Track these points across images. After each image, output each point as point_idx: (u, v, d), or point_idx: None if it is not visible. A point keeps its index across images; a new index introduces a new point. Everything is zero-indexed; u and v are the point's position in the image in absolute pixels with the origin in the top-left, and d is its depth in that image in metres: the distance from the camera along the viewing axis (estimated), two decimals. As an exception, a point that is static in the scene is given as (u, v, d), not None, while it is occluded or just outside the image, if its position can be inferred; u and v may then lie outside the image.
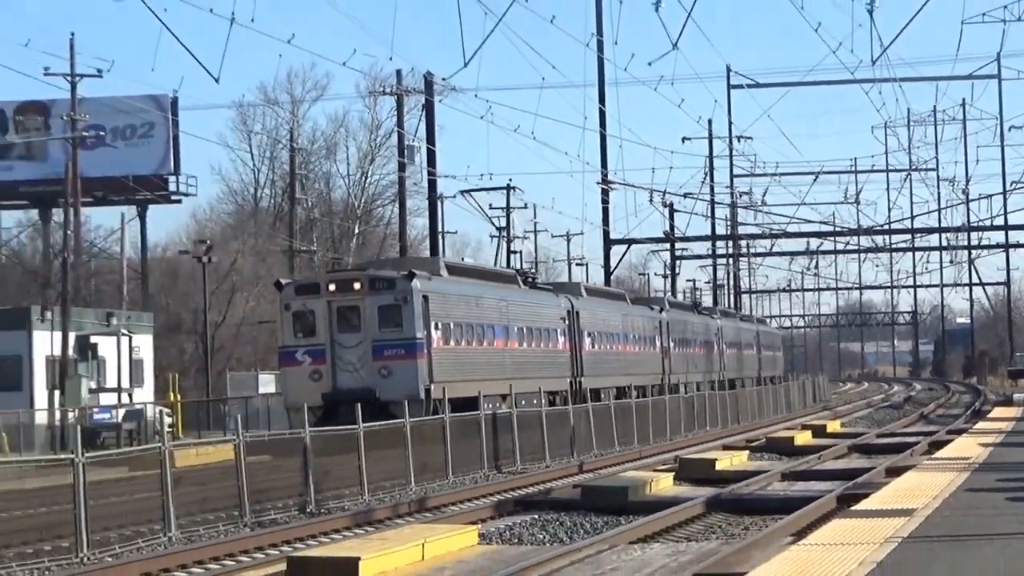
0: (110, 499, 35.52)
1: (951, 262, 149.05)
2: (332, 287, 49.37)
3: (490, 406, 53.83)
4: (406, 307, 47.47)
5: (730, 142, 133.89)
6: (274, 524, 35.95)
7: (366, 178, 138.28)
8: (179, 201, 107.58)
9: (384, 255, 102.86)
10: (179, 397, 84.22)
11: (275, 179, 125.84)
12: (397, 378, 46.46)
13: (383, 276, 51.15)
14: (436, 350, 50.99)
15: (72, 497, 29.56)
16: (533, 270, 79.42)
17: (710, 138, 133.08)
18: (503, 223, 78.19)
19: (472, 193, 73.36)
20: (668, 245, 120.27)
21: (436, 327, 51.22)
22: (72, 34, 76.59)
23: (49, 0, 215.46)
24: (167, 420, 77.57)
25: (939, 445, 51.68)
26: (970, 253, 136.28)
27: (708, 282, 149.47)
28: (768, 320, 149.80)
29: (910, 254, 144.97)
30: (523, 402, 59.87)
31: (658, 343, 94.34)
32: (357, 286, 48.96)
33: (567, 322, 76.01)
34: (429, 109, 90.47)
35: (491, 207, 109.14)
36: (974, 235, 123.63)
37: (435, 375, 50.22)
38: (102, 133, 74.21)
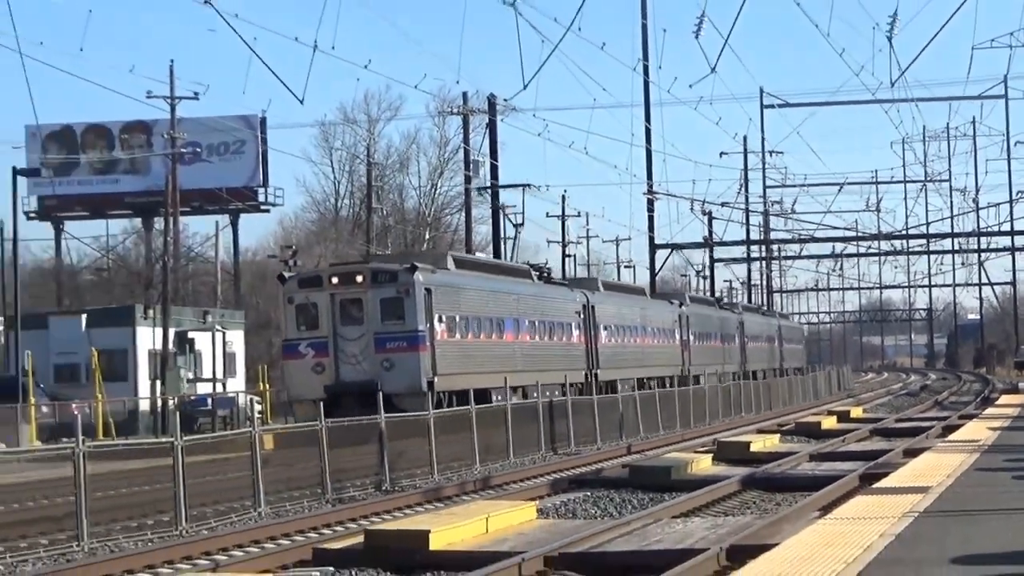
0: (205, 478, 36.76)
1: (962, 264, 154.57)
2: (335, 280, 47.04)
3: (499, 398, 52.46)
4: (408, 300, 45.13)
5: (763, 156, 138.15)
6: (353, 500, 37.02)
7: (435, 189, 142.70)
8: (267, 211, 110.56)
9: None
10: (268, 386, 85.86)
11: (353, 191, 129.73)
12: (399, 370, 44.17)
13: (385, 269, 48.63)
14: (440, 342, 48.45)
15: (172, 477, 31.08)
16: (548, 265, 75.53)
17: (745, 153, 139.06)
18: (519, 220, 73.42)
19: (483, 191, 67.78)
20: (707, 249, 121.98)
21: (440, 319, 48.63)
22: (172, 61, 78.64)
23: (152, 29, 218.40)
24: (257, 407, 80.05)
25: (952, 429, 52.49)
26: (980, 256, 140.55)
27: (743, 282, 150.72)
28: (793, 316, 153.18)
29: (925, 257, 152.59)
30: (535, 394, 56.18)
31: (678, 336, 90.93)
32: (359, 279, 46.67)
33: (582, 316, 72.26)
34: (492, 128, 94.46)
35: (547, 215, 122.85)
36: (983, 240, 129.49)
37: (439, 367, 47.63)
38: (198, 150, 76.63)
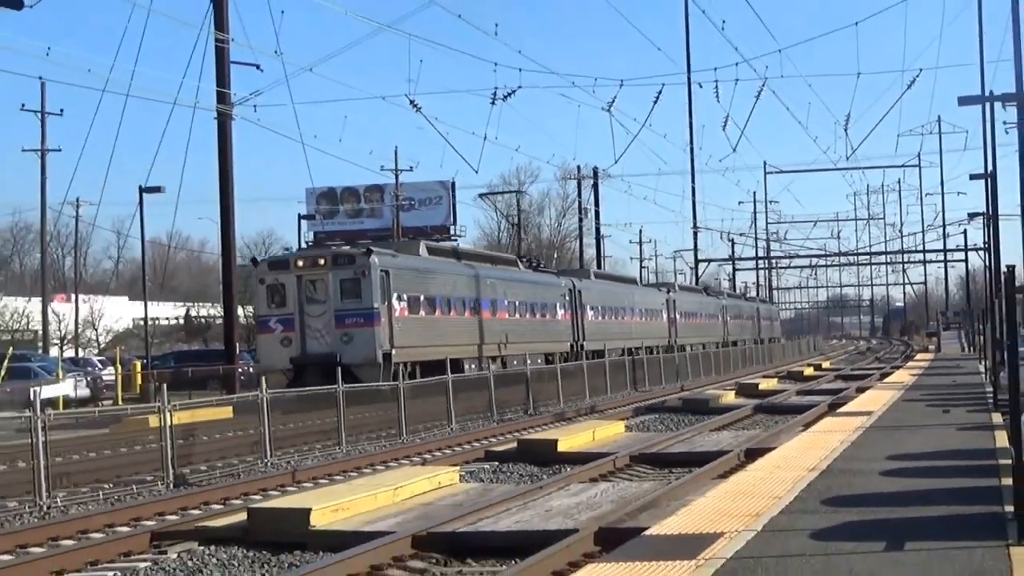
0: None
1: (892, 271, 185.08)
2: (300, 263, 44.39)
3: (472, 367, 52.40)
4: (365, 280, 42.33)
5: (765, 204, 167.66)
6: (510, 420, 42.26)
7: (560, 226, 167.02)
8: (456, 241, 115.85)
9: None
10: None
11: (510, 228, 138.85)
12: (356, 343, 41.83)
13: (344, 253, 45.83)
14: (399, 319, 45.45)
15: (397, 409, 35.52)
16: (538, 258, 75.92)
17: (754, 202, 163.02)
18: (515, 223, 77.45)
19: (490, 196, 70.42)
20: (731, 263, 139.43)
21: (400, 298, 45.84)
22: (396, 147, 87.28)
23: (386, 127, 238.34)
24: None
25: (887, 375, 60.02)
26: (903, 265, 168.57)
27: (754, 283, 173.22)
28: (772, 301, 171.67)
29: (869, 267, 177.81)
30: (515, 362, 58.10)
31: (665, 315, 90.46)
32: (322, 262, 43.94)
33: (568, 298, 69.85)
34: (596, 188, 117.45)
35: (630, 241, 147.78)
36: (905, 256, 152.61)
37: (397, 340, 44.57)
38: (413, 202, 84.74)
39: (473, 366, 52.17)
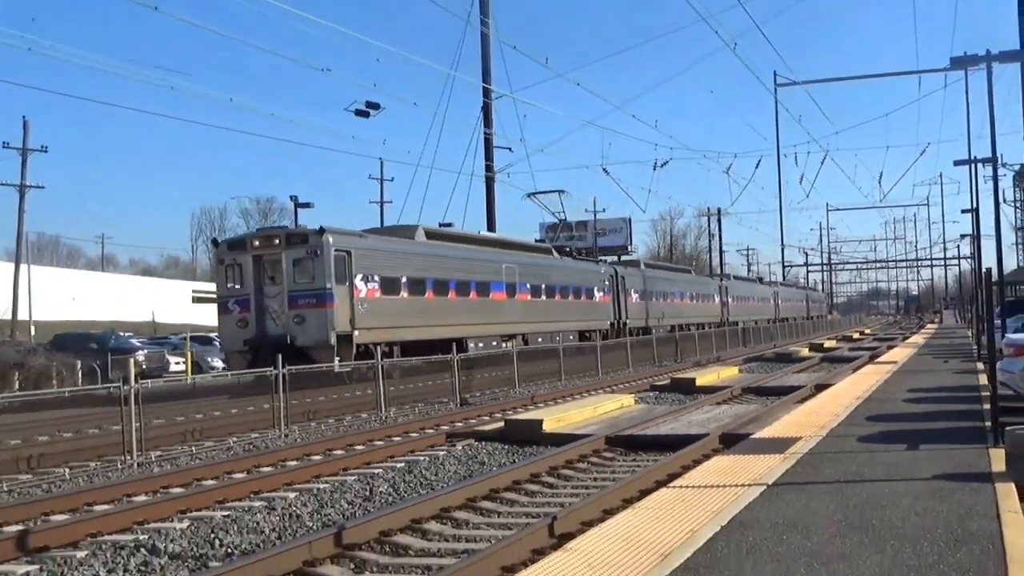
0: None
1: (911, 272, 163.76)
2: (256, 243, 32.76)
3: (479, 345, 37.80)
4: (318, 260, 30.92)
5: (827, 230, 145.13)
6: (665, 366, 39.31)
7: (696, 246, 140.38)
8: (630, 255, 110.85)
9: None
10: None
11: (663, 245, 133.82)
12: (309, 324, 30.22)
13: (298, 232, 33.62)
14: (365, 299, 32.54)
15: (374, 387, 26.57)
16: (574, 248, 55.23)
17: (820, 229, 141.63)
18: (561, 218, 53.93)
19: (538, 195, 48.66)
20: (805, 267, 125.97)
21: (370, 279, 32.72)
22: (594, 197, 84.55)
23: (585, 181, 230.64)
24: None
25: (906, 338, 57.38)
26: (918, 269, 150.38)
27: (819, 280, 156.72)
28: (819, 289, 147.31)
29: (896, 270, 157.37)
30: (540, 339, 41.64)
31: (717, 298, 71.09)
32: (277, 242, 32.40)
33: (608, 283, 51.40)
34: (719, 221, 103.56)
35: (738, 251, 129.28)
36: (919, 263, 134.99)
37: (360, 322, 31.70)
38: (604, 231, 75.96)
39: (481, 344, 37.80)
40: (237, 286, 31.84)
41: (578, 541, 7.59)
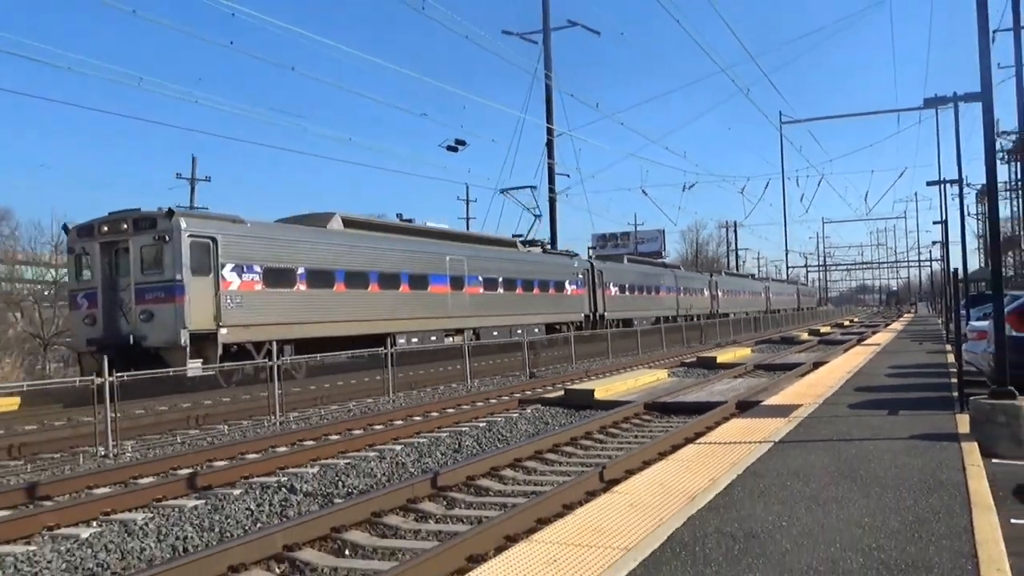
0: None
1: (891, 271, 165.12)
2: (105, 229, 22.99)
3: (405, 340, 27.37)
4: (167, 247, 21.97)
5: (822, 238, 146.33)
6: (693, 347, 36.62)
7: (717, 252, 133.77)
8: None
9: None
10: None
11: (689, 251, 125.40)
12: (158, 322, 21.13)
13: (146, 215, 23.06)
14: (235, 292, 23.12)
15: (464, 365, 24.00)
16: (545, 242, 41.75)
17: (818, 237, 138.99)
18: (537, 213, 42.23)
19: (511, 191, 40.42)
20: (804, 268, 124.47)
21: (245, 270, 23.42)
22: (635, 212, 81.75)
23: (625, 201, 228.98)
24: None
25: (888, 325, 55.65)
26: (897, 269, 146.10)
27: (817, 278, 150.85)
28: (810, 284, 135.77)
29: (879, 269, 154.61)
30: (495, 333, 32.33)
31: (707, 292, 60.00)
32: (125, 227, 22.65)
33: (583, 276, 39.97)
34: (735, 231, 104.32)
35: (752, 258, 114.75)
36: (898, 264, 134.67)
37: (227, 318, 22.47)
38: (643, 240, 72.04)
39: (415, 340, 28.12)
40: (88, 277, 22.63)
41: (623, 485, 7.55)
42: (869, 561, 5.12)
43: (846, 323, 70.95)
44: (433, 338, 28.96)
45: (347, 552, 7.31)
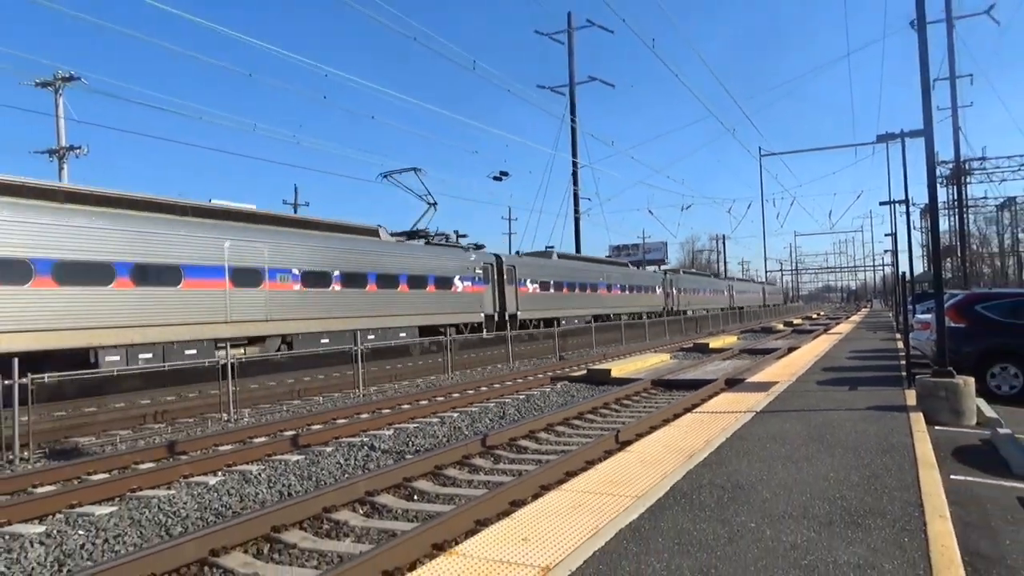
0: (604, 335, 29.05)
1: (852, 275, 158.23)
2: None
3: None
4: None
5: (795, 248, 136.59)
6: (691, 335, 35.24)
7: (710, 260, 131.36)
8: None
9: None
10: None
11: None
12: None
13: None
14: None
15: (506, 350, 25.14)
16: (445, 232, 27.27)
17: (791, 247, 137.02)
18: (430, 201, 25.52)
19: (393, 175, 25.20)
20: (780, 272, 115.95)
21: None
22: (643, 228, 79.01)
23: (632, 219, 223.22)
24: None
25: (849, 317, 53.62)
26: (855, 273, 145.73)
27: (788, 281, 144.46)
28: (777, 283, 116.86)
29: (841, 273, 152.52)
30: (326, 340, 19.64)
31: (660, 290, 46.78)
32: None
33: (485, 272, 27.32)
34: (724, 243, 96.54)
35: (737, 264, 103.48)
36: (856, 269, 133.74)
37: None
38: (649, 250, 65.63)
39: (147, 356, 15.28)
40: None
41: (634, 446, 7.47)
42: (834, 508, 5.06)
43: (814, 316, 69.08)
44: (204, 343, 16.64)
45: (415, 497, 7.35)
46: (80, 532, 6.46)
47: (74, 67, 25.71)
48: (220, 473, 8.56)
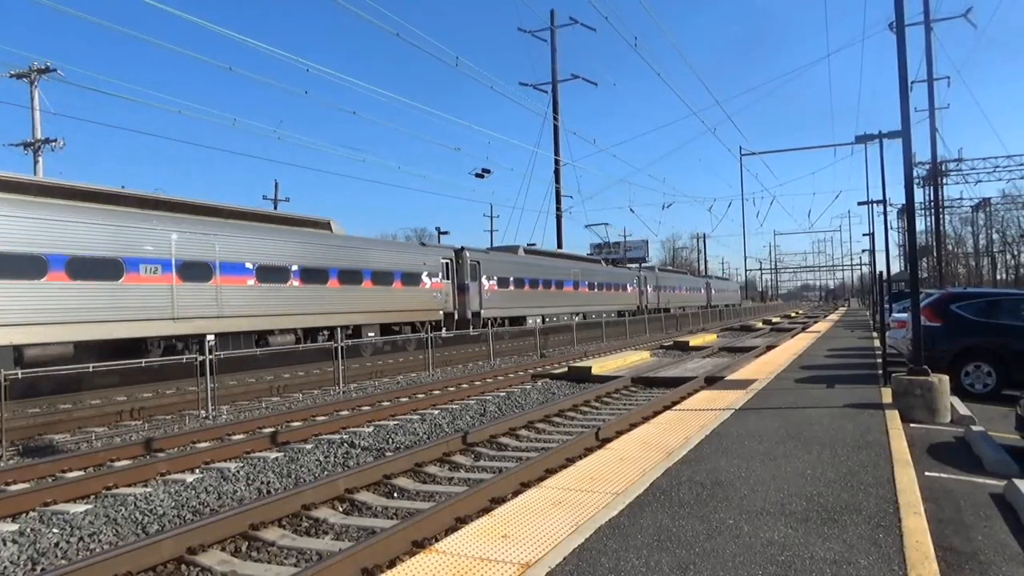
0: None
1: (830, 274, 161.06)
2: None
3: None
4: None
5: (774, 247, 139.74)
6: (672, 333, 35.27)
7: (691, 258, 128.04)
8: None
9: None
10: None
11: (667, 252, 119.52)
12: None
13: None
14: None
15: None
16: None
17: (771, 246, 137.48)
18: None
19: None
20: (759, 271, 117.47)
21: None
22: (624, 227, 79.26)
23: (615, 216, 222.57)
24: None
25: (827, 316, 53.70)
26: (834, 272, 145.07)
27: (768, 280, 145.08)
28: (763, 283, 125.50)
29: (819, 272, 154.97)
30: (273, 339, 19.34)
31: (631, 288, 45.80)
32: None
33: (446, 269, 26.48)
34: (704, 242, 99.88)
35: (718, 263, 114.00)
36: (835, 268, 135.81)
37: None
38: (632, 248, 64.12)
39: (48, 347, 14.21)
40: None
41: (614, 443, 7.49)
42: (811, 504, 5.07)
43: (793, 315, 69.53)
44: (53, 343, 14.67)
45: (395, 494, 7.32)
46: (55, 530, 6.38)
47: (52, 60, 25.18)
48: (198, 470, 8.49)
